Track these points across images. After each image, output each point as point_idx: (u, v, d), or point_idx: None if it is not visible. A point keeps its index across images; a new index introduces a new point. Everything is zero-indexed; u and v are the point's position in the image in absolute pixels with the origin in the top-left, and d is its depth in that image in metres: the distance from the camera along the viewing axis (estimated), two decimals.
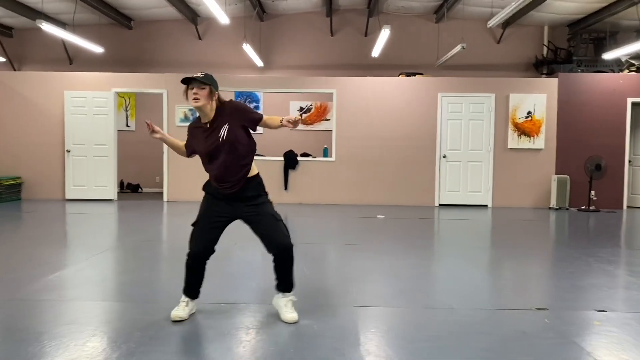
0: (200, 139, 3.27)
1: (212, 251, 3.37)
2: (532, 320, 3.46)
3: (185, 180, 10.19)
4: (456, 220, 8.39)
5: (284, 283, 3.40)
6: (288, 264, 3.34)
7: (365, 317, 3.51)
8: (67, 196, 10.10)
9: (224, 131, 3.19)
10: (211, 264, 3.42)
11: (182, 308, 3.35)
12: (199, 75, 3.23)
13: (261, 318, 3.43)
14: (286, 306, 3.36)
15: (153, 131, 3.35)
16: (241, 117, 3.25)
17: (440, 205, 10.19)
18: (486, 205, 10.15)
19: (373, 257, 5.42)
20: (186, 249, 3.34)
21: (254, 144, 3.35)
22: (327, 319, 3.40)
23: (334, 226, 7.52)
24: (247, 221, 3.34)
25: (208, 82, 3.20)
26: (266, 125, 3.32)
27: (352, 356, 2.81)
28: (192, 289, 3.41)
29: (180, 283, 3.42)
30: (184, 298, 3.41)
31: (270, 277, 3.49)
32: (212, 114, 3.23)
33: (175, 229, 7.34)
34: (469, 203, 10.15)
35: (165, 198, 10.26)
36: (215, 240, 3.35)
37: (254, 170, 3.35)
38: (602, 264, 5.21)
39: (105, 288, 4.18)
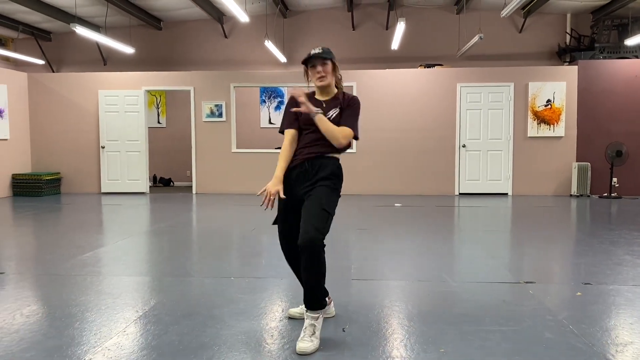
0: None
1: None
2: (517, 292, 3.70)
3: (213, 174, 10.67)
4: (473, 208, 8.57)
5: (305, 294, 2.80)
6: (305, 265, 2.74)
7: (359, 288, 3.81)
8: (103, 190, 10.71)
9: (333, 113, 2.93)
10: (231, 247, 3.77)
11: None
12: (317, 51, 2.92)
13: (264, 289, 3.77)
14: (304, 330, 2.73)
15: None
16: (346, 109, 2.94)
17: (460, 194, 10.35)
18: (506, 194, 10.26)
19: (381, 240, 5.70)
20: (210, 234, 3.70)
21: None
22: None
23: (350, 214, 7.82)
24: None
25: (329, 56, 2.92)
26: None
27: (340, 316, 3.12)
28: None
29: (205, 262, 3.77)
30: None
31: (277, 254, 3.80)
32: (332, 94, 3.01)
33: (200, 217, 7.77)
34: (489, 192, 10.28)
35: (194, 190, 10.75)
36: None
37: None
38: (604, 244, 5.36)
39: (131, 265, 4.60)
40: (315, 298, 2.76)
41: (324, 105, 2.95)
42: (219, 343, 2.76)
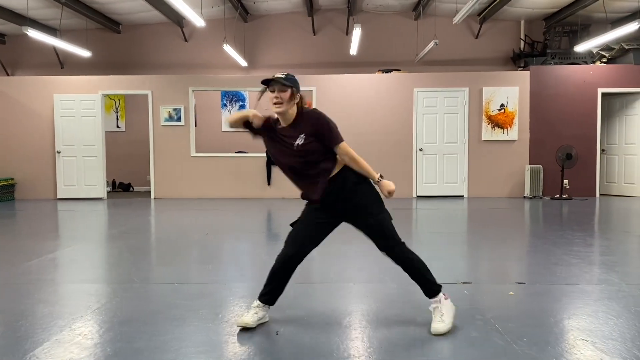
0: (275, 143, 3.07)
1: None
2: (452, 292, 3.78)
3: (171, 178, 10.60)
4: (429, 210, 8.73)
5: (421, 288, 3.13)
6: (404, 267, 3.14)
7: (299, 292, 3.87)
8: (59, 195, 10.52)
9: (300, 140, 2.97)
10: (181, 252, 3.78)
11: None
12: (280, 75, 2.91)
13: (206, 295, 3.80)
14: (434, 315, 3.03)
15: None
16: (321, 135, 3.08)
17: (418, 196, 10.53)
18: (462, 196, 10.49)
19: (329, 244, 5.74)
20: (162, 240, 3.71)
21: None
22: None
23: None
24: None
25: (290, 84, 2.89)
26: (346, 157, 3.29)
27: (276, 320, 3.18)
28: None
29: (151, 268, 3.78)
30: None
31: (224, 260, 3.84)
32: (291, 119, 2.99)
33: (155, 222, 7.72)
34: (445, 194, 10.49)
35: (152, 195, 10.66)
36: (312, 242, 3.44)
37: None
38: (546, 244, 5.55)
39: (76, 272, 4.56)
40: (426, 288, 3.07)
41: (285, 135, 2.97)
42: (151, 348, 2.78)
